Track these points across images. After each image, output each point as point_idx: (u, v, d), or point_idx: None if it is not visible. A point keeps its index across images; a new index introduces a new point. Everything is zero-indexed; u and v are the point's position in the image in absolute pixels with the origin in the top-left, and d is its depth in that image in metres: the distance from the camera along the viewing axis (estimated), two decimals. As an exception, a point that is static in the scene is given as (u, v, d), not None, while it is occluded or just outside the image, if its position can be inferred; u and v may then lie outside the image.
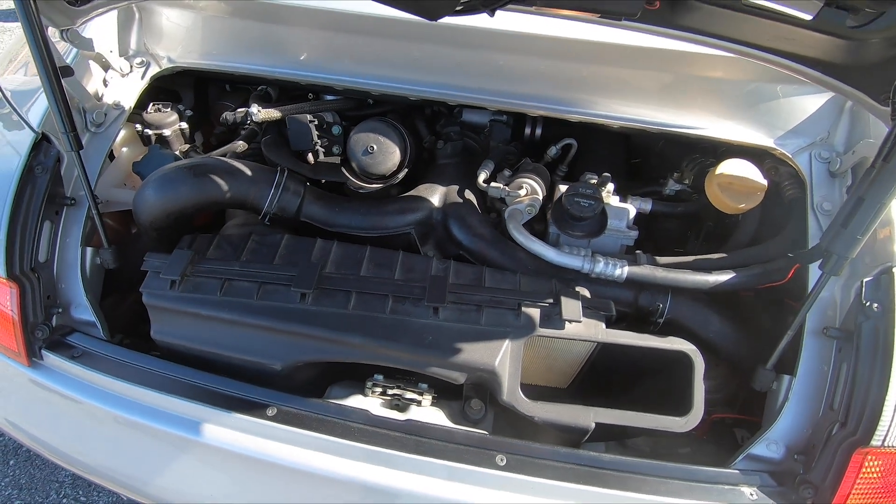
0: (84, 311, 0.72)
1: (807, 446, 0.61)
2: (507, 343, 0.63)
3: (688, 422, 0.62)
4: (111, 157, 0.85)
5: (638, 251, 0.72)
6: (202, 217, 0.87)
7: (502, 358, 0.63)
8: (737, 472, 0.60)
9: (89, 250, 0.73)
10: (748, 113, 0.75)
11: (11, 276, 0.65)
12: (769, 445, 0.61)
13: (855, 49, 0.49)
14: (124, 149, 0.86)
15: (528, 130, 0.92)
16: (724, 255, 0.71)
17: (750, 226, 0.75)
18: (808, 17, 0.43)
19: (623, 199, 0.78)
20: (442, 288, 0.65)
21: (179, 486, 0.66)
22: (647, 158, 0.93)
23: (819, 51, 0.49)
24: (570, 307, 0.63)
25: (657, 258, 0.71)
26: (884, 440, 0.54)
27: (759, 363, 0.64)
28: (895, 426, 0.54)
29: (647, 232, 0.87)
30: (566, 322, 0.64)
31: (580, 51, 0.75)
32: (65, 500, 1.07)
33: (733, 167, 0.70)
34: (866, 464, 0.55)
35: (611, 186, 0.75)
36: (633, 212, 0.75)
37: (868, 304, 0.58)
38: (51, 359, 0.68)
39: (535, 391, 0.77)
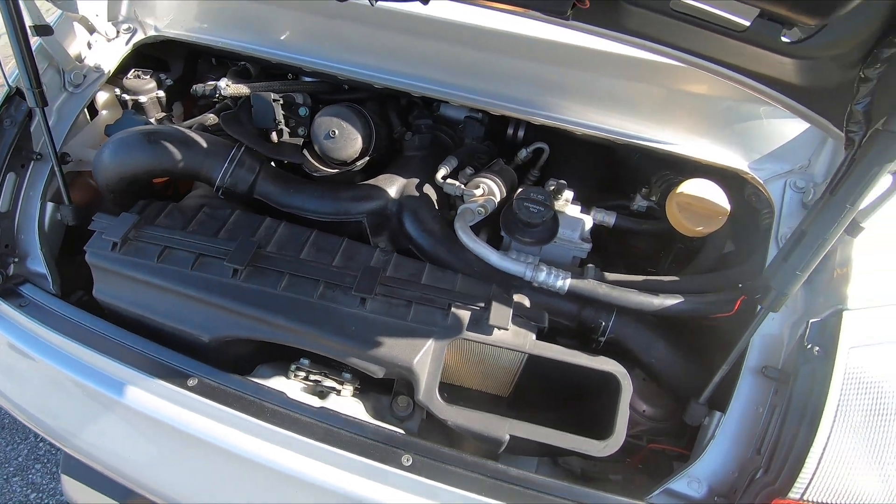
0: (38, 263, 0.74)
1: (730, 489, 0.57)
2: (430, 342, 0.62)
3: (607, 446, 0.59)
4: (92, 114, 0.88)
5: (589, 265, 0.69)
6: (167, 187, 0.89)
7: (423, 357, 0.61)
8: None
9: (50, 205, 0.75)
10: (725, 132, 0.70)
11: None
12: (690, 483, 0.58)
13: (811, 69, 0.46)
14: (104, 112, 0.88)
15: (510, 131, 0.90)
16: (678, 278, 0.67)
17: (713, 251, 0.70)
18: (743, 28, 0.39)
19: (586, 210, 0.75)
20: (373, 279, 0.64)
21: (100, 442, 0.67)
22: (624, 172, 0.89)
23: (769, 68, 0.45)
24: (499, 313, 0.61)
25: (606, 274, 0.68)
26: (803, 494, 0.50)
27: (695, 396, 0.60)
28: (817, 480, 0.50)
29: (619, 248, 0.84)
30: (494, 328, 0.62)
31: (560, 55, 0.72)
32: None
33: (695, 187, 0.66)
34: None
35: (569, 195, 0.72)
36: (588, 223, 0.72)
37: (810, 346, 0.53)
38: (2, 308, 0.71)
39: (472, 397, 0.75)
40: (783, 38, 0.39)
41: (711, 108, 0.69)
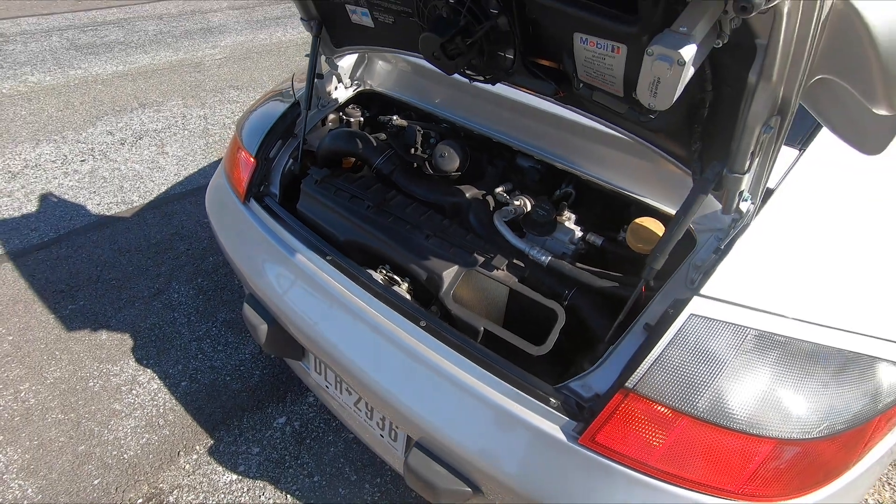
0: (276, 188, 1.36)
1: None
2: (456, 267, 1.06)
3: (539, 350, 0.94)
4: (324, 123, 1.53)
5: (562, 258, 1.07)
6: (352, 165, 1.48)
7: (449, 272, 1.05)
8: (551, 388, 0.89)
9: (290, 160, 1.38)
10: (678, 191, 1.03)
11: (255, 157, 1.33)
12: (583, 386, 0.89)
13: (664, 132, 0.83)
14: (329, 122, 1.54)
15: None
16: (621, 275, 1.01)
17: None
18: (623, 109, 0.80)
19: (583, 229, 1.13)
20: (437, 228, 1.11)
21: (273, 288, 1.20)
22: (622, 214, 1.23)
23: (642, 133, 0.84)
24: (498, 261, 1.03)
25: (577, 264, 1.05)
26: (636, 384, 0.80)
27: None
28: (655, 372, 0.79)
29: (604, 263, 1.17)
30: (494, 269, 1.03)
31: (579, 130, 1.13)
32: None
33: (645, 221, 1.02)
34: (623, 402, 0.81)
35: (570, 215, 1.12)
36: (577, 234, 1.11)
37: (672, 311, 0.84)
38: (252, 204, 1.33)
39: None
40: (642, 118, 0.79)
41: (670, 174, 1.04)
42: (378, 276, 1.12)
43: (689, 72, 0.55)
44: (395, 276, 1.12)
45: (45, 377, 1.73)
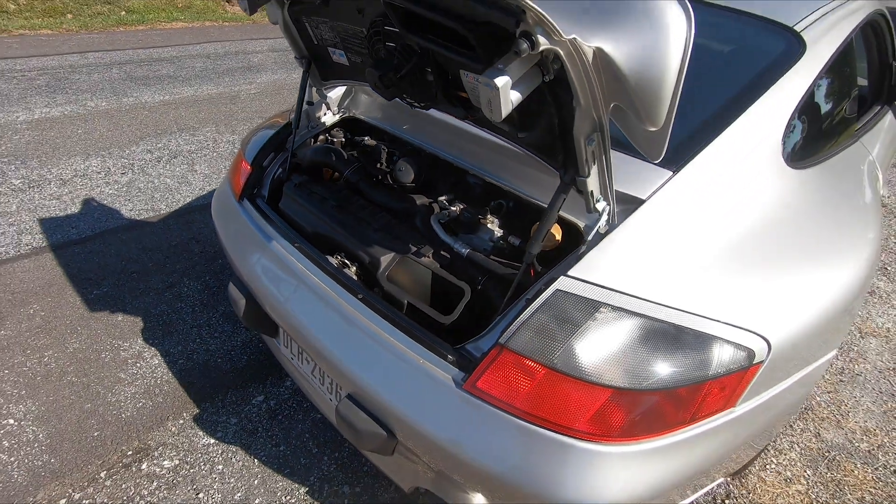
0: (265, 191, 1.65)
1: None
2: (392, 254, 1.30)
3: (447, 319, 1.16)
4: (314, 141, 1.83)
5: (482, 253, 1.30)
6: (329, 173, 1.77)
7: (386, 257, 1.29)
8: (451, 348, 1.10)
9: (280, 169, 1.67)
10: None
11: (251, 164, 1.63)
12: (475, 348, 1.10)
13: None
14: (317, 141, 1.84)
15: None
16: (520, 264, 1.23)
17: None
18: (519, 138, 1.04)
19: (505, 232, 1.36)
20: (383, 224, 1.36)
21: (255, 272, 1.47)
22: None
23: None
24: (426, 250, 1.27)
25: (487, 256, 1.28)
26: (507, 341, 1.00)
27: None
28: (523, 332, 0.99)
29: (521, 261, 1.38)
30: (423, 256, 1.27)
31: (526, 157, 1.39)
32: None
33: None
34: (498, 356, 1.01)
35: (493, 219, 1.36)
36: (496, 234, 1.33)
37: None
38: (245, 202, 1.61)
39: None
40: (519, 135, 1.03)
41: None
42: (333, 261, 1.37)
43: (510, 94, 0.79)
44: (347, 261, 1.37)
45: (66, 347, 2.02)
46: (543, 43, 0.69)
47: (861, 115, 2.12)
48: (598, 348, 0.98)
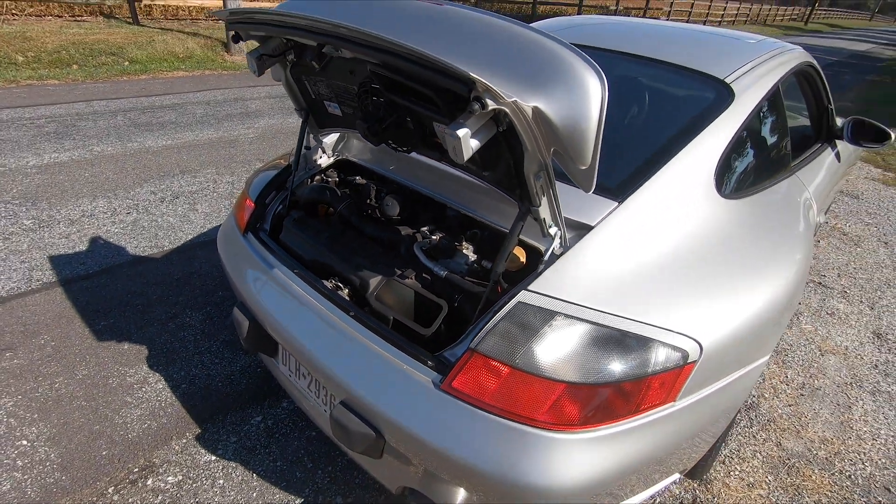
0: (267, 224, 1.84)
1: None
2: (380, 277, 1.48)
3: (426, 331, 1.34)
4: (311, 181, 2.04)
5: (458, 274, 1.49)
6: (324, 209, 1.97)
7: (374, 280, 1.47)
8: (431, 355, 1.27)
9: (280, 206, 1.87)
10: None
11: (255, 202, 1.83)
12: (451, 353, 1.27)
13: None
14: (314, 181, 2.05)
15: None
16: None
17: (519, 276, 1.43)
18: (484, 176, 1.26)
19: (479, 257, 1.56)
20: (372, 253, 1.55)
21: (259, 295, 1.65)
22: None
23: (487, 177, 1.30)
24: (409, 273, 1.46)
25: (463, 277, 1.47)
26: (477, 346, 1.18)
27: None
28: (490, 337, 1.17)
29: None
30: (406, 278, 1.46)
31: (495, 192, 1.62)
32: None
33: (516, 249, 1.44)
34: (470, 359, 1.19)
35: (468, 245, 1.56)
36: (471, 258, 1.53)
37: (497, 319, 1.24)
38: (249, 236, 1.81)
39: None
40: (483, 174, 1.24)
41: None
42: (328, 284, 1.55)
43: (469, 142, 1.00)
44: (340, 284, 1.55)
45: (75, 374, 2.15)
46: (491, 104, 0.91)
47: (799, 152, 2.38)
48: (554, 349, 1.16)
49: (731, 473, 1.97)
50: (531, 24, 1.32)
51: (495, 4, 17.09)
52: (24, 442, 1.84)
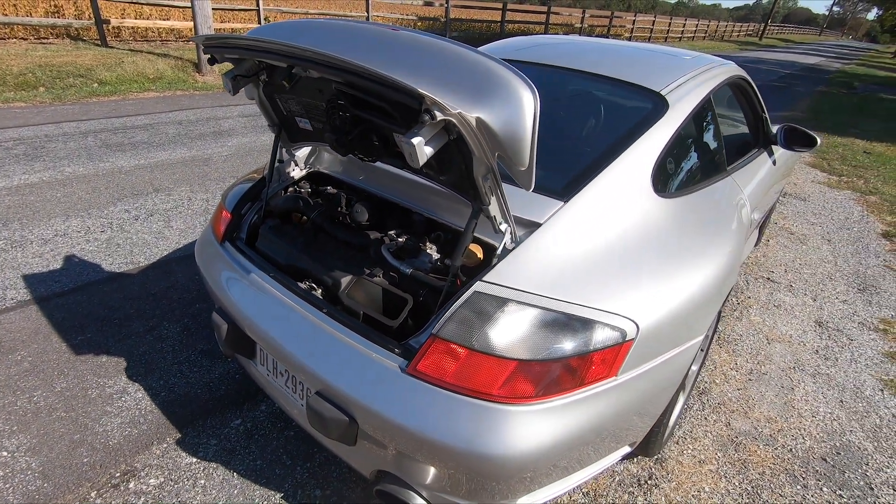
0: (244, 233, 1.95)
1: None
2: (350, 276, 1.61)
3: (393, 323, 1.46)
4: (285, 192, 2.16)
5: (422, 272, 1.62)
6: (297, 217, 2.09)
7: (345, 279, 1.60)
8: (398, 343, 1.39)
9: (255, 216, 1.98)
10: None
11: (231, 213, 1.94)
12: (415, 341, 1.40)
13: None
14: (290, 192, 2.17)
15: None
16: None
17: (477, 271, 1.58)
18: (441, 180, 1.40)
19: (441, 256, 1.70)
20: (342, 255, 1.68)
21: (234, 299, 1.75)
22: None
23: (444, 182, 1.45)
24: (377, 272, 1.59)
25: (428, 274, 1.60)
26: (438, 331, 1.31)
27: None
28: (450, 324, 1.30)
29: None
30: (374, 276, 1.59)
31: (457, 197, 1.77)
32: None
33: (473, 246, 1.58)
34: (432, 344, 1.32)
35: (431, 245, 1.70)
36: (434, 256, 1.67)
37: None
38: (226, 244, 1.91)
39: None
40: (440, 178, 1.38)
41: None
42: (303, 285, 1.67)
43: (424, 149, 1.15)
44: (314, 285, 1.67)
45: (54, 387, 2.19)
46: (439, 115, 1.06)
47: (736, 157, 2.62)
48: (507, 332, 1.30)
49: (684, 452, 2.13)
50: (479, 48, 1.48)
51: (465, 24, 17.57)
52: (4, 453, 1.88)
